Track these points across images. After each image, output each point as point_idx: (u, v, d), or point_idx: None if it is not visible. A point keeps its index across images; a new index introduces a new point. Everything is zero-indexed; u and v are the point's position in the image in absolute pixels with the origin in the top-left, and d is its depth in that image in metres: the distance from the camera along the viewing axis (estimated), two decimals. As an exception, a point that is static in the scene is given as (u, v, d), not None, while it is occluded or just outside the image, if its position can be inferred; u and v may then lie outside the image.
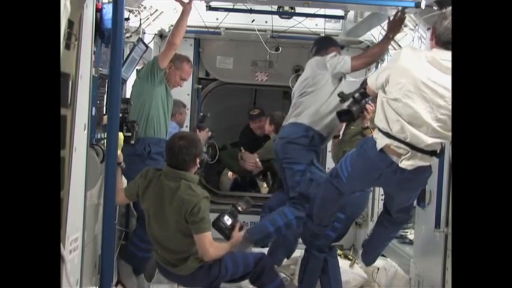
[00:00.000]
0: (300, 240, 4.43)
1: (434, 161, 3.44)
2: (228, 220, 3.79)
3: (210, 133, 5.75)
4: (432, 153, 3.15)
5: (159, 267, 3.81)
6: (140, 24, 4.49)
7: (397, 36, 5.02)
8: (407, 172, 3.17)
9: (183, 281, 3.77)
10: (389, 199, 3.67)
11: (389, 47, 5.22)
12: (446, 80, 2.90)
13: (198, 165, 3.66)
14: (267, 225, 4.13)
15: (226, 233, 3.75)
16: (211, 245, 3.51)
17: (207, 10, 5.26)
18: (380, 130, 3.18)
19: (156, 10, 4.95)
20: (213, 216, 3.72)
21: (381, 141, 3.17)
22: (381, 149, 3.18)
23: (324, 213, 3.79)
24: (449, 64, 2.85)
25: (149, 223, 3.66)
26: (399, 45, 5.14)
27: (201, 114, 5.73)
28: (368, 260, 4.15)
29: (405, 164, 3.12)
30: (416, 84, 2.99)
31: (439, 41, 3.02)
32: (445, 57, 2.93)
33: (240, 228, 3.81)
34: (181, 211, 3.47)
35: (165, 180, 3.56)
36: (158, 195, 3.57)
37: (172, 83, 4.57)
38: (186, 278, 3.65)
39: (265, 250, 4.65)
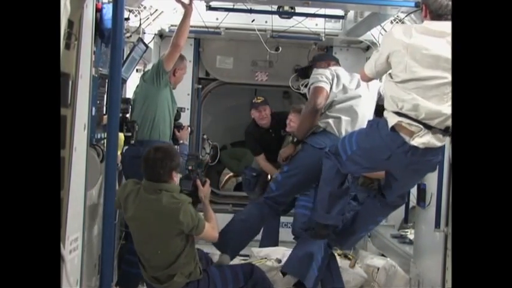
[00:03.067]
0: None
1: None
2: (187, 185, 3.76)
3: (189, 129, 5.29)
4: (445, 131, 3.08)
5: (147, 285, 3.68)
6: (140, 24, 4.49)
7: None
8: (418, 153, 3.12)
9: None
10: (393, 182, 3.58)
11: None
12: (444, 43, 2.95)
13: (175, 178, 3.50)
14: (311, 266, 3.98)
15: (194, 196, 3.67)
16: (213, 230, 3.57)
17: (207, 10, 5.26)
18: (390, 111, 3.16)
19: (156, 10, 4.95)
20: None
21: (392, 120, 3.13)
22: (393, 128, 3.12)
23: (324, 192, 3.64)
24: (441, 28, 2.97)
25: (135, 238, 3.56)
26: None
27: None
28: (347, 244, 4.08)
29: (418, 141, 3.07)
30: (418, 57, 3.00)
31: (434, 16, 3.07)
32: (437, 25, 3.02)
33: (203, 183, 3.72)
34: (170, 222, 3.36)
35: (145, 193, 3.42)
36: (140, 210, 3.44)
37: (178, 83, 4.58)
38: None
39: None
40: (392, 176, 3.56)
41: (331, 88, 3.99)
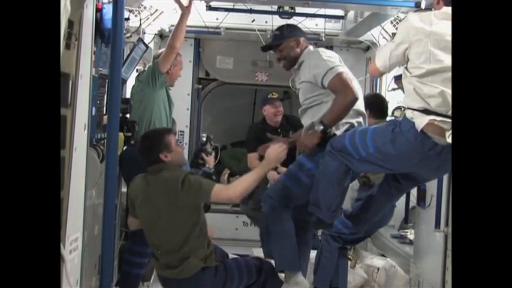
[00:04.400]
0: None
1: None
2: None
3: (214, 153, 5.09)
4: None
5: (161, 281, 3.61)
6: (140, 24, 4.49)
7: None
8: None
9: None
10: (419, 179, 3.38)
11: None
12: None
13: (169, 158, 3.48)
14: None
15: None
16: (227, 189, 3.43)
17: (207, 10, 5.27)
18: (415, 110, 2.84)
19: (156, 10, 4.96)
20: (208, 217, 3.68)
21: (422, 120, 2.80)
22: (422, 130, 2.81)
23: (330, 194, 3.30)
24: None
25: (145, 227, 3.57)
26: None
27: (204, 137, 5.02)
28: (362, 230, 3.82)
29: None
30: (442, 45, 2.75)
31: (447, 2, 2.83)
32: None
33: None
34: (172, 194, 3.34)
35: (150, 175, 3.50)
36: (146, 192, 3.47)
37: (174, 79, 4.52)
38: (189, 283, 3.42)
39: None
40: (419, 175, 3.32)
41: None
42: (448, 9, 2.81)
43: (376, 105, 4.31)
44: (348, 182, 3.38)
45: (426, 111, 2.80)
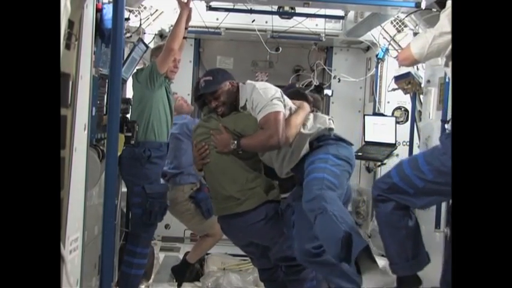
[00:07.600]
0: None
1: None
2: None
3: None
4: None
5: (222, 223, 3.65)
6: (140, 24, 4.49)
7: (397, 37, 5.06)
8: None
9: (247, 227, 3.47)
10: None
11: (389, 46, 5.22)
12: None
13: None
14: None
15: None
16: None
17: (207, 10, 5.28)
18: None
19: (156, 10, 4.97)
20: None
21: None
22: None
23: (398, 241, 2.93)
24: None
25: (209, 169, 3.66)
26: (399, 46, 5.15)
27: None
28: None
29: None
30: None
31: None
32: None
33: None
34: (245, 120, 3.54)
35: (212, 117, 3.68)
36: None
37: (172, 72, 4.34)
38: (252, 216, 3.42)
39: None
40: None
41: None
42: None
43: (299, 94, 4.07)
44: (412, 222, 2.97)
45: None
